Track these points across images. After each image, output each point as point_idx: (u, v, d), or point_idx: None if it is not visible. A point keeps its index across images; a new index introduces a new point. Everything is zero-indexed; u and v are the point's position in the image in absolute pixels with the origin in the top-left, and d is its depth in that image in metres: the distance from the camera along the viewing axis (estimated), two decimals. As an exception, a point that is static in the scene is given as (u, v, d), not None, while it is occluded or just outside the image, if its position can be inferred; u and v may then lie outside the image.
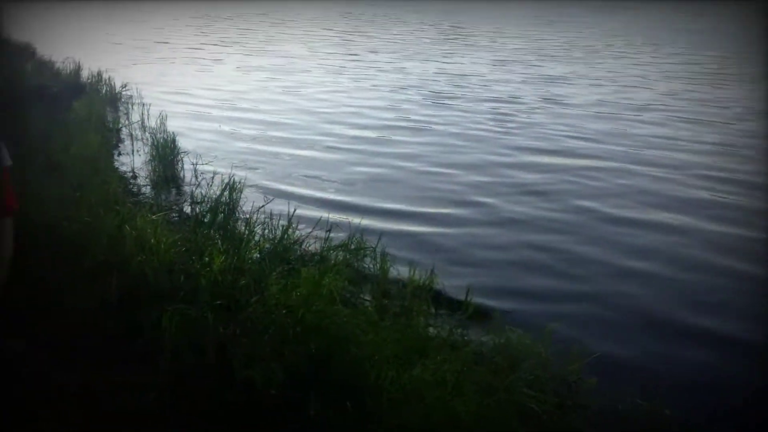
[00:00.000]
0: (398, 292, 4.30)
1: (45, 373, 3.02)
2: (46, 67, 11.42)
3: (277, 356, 2.99)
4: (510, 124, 9.85)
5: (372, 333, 3.17)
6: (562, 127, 9.79)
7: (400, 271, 4.57)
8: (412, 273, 4.31)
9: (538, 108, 10.95)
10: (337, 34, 21.19)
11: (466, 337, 3.56)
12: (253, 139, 8.86)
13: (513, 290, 4.69)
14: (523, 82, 13.39)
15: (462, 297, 4.22)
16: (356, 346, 3.04)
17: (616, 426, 2.99)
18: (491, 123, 9.92)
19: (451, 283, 4.46)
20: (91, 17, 24.88)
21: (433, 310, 4.07)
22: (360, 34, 21.62)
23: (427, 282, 4.25)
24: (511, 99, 11.65)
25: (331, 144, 8.68)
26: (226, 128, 9.32)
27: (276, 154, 8.16)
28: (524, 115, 10.37)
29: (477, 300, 4.22)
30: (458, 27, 23.18)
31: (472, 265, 5.11)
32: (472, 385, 2.77)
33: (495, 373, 3.11)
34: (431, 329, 3.66)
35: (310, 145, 8.58)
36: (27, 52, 13.33)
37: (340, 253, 4.71)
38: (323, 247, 4.72)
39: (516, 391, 2.82)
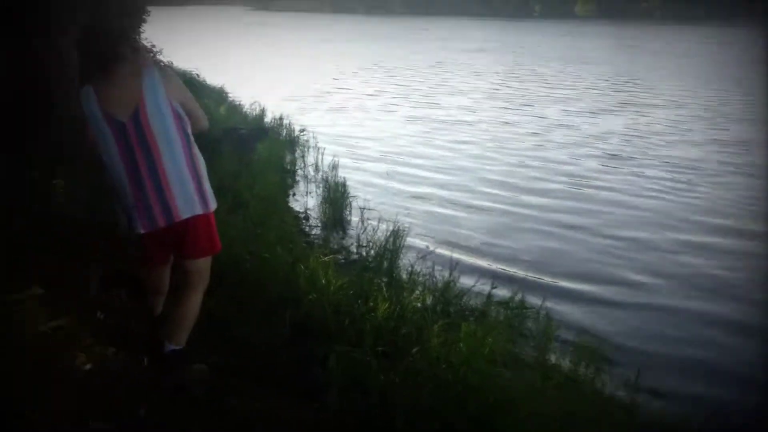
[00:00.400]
0: (562, 358, 4.14)
1: (219, 398, 3.24)
2: (236, 110, 12.60)
3: (437, 414, 2.99)
4: (688, 194, 9.03)
5: (536, 401, 3.07)
6: (748, 201, 8.77)
7: (563, 336, 4.42)
8: (578, 340, 4.14)
9: (721, 176, 10.05)
10: (500, 84, 21.24)
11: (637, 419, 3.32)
12: (418, 190, 9.04)
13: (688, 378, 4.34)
14: (705, 144, 12.45)
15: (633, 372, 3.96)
16: (519, 412, 2.96)
17: None
18: (668, 192, 9.14)
19: (620, 358, 4.23)
20: (278, 64, 27.10)
21: (600, 383, 3.86)
22: (532, 82, 21.51)
23: (595, 352, 4.05)
24: (690, 165, 10.72)
25: (494, 204, 8.52)
26: (392, 178, 9.62)
27: (440, 207, 8.24)
28: (707, 186, 9.47)
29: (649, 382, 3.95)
30: (634, 81, 22.30)
31: (646, 341, 4.79)
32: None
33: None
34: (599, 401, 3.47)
35: (474, 203, 8.52)
36: (221, 95, 14.82)
37: (501, 310, 4.65)
38: (484, 304, 4.69)
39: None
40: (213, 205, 3.12)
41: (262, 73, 23.45)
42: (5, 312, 3.33)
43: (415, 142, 12.42)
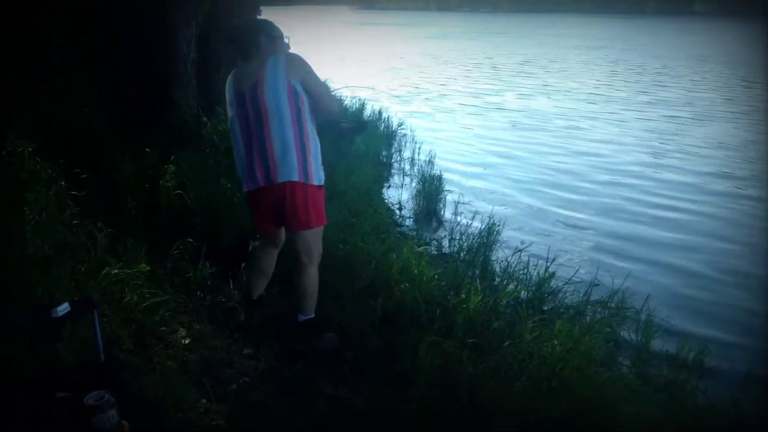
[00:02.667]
0: (662, 363, 3.91)
1: (311, 382, 3.30)
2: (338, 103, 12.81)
3: (529, 409, 2.90)
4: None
5: (634, 403, 2.91)
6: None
7: (665, 341, 4.17)
8: (681, 345, 3.89)
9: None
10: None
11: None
12: (514, 185, 8.86)
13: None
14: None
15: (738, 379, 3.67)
16: (616, 414, 2.82)
17: None
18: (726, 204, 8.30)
19: (724, 365, 3.94)
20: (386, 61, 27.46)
21: (702, 388, 3.61)
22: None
23: (698, 357, 3.80)
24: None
25: (594, 200, 8.21)
26: (489, 173, 9.48)
27: (537, 202, 8.04)
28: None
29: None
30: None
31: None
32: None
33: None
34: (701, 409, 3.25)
35: (575, 200, 8.23)
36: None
37: (599, 310, 4.46)
38: (581, 302, 4.51)
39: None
40: (316, 180, 3.31)
41: (367, 68, 23.78)
42: (117, 287, 3.56)
43: (511, 140, 12.14)
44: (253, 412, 2.98)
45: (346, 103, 12.80)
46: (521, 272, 4.82)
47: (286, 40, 3.43)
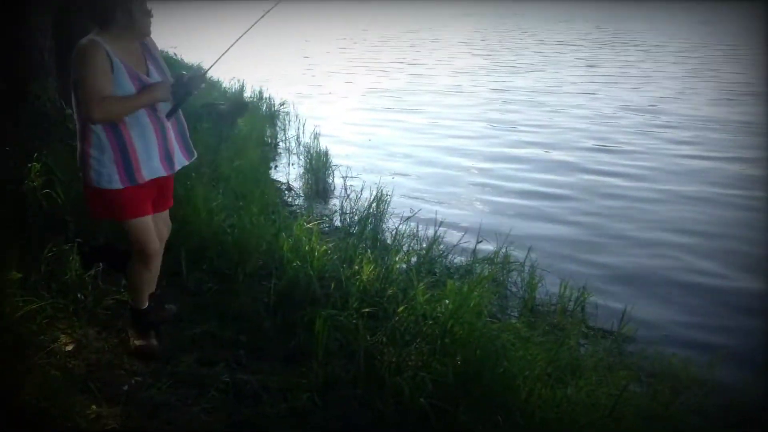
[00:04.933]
0: (547, 310, 4.15)
1: (207, 368, 3.23)
2: (215, 86, 12.40)
3: (424, 367, 2.99)
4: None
5: (522, 349, 3.07)
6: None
7: (549, 289, 4.42)
8: (562, 290, 4.14)
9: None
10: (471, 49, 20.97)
11: (622, 359, 3.34)
12: (401, 155, 9.04)
13: (676, 314, 4.36)
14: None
15: (618, 318, 3.97)
16: (506, 361, 2.96)
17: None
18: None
19: (606, 303, 4.24)
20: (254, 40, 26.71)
21: (585, 329, 3.88)
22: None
23: (579, 300, 4.06)
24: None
25: (475, 165, 8.58)
26: (373, 146, 9.60)
27: (423, 170, 8.25)
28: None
29: (636, 319, 3.96)
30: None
31: (629, 286, 4.82)
32: (630, 409, 2.59)
33: (654, 399, 2.89)
34: (584, 349, 3.49)
35: (456, 165, 8.56)
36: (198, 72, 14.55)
37: (486, 266, 4.65)
38: (469, 261, 4.68)
39: (680, 420, 2.59)
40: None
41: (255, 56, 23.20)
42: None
43: (399, 109, 12.32)
44: (147, 411, 2.87)
45: (225, 85, 12.44)
46: (411, 238, 4.92)
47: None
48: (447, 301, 3.58)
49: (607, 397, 2.70)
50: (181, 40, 21.00)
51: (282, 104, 10.99)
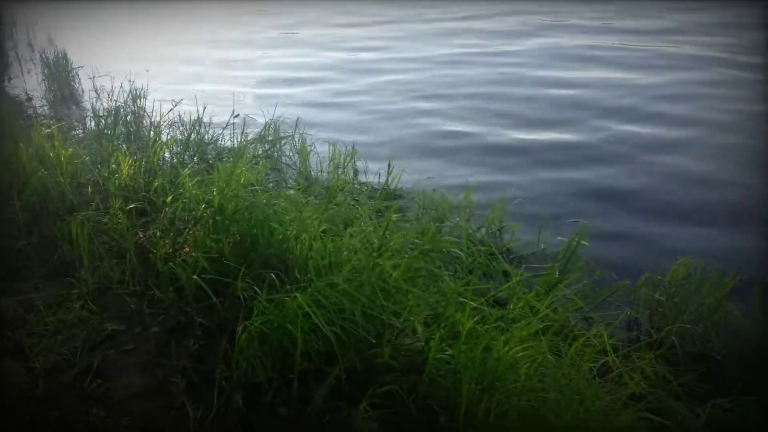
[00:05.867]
0: (321, 175, 4.23)
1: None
2: None
3: (199, 248, 2.91)
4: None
5: (296, 212, 3.09)
6: None
7: (321, 155, 4.48)
8: (332, 152, 4.22)
9: None
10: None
11: (393, 204, 3.53)
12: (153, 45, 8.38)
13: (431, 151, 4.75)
14: None
15: (384, 168, 4.15)
16: (280, 225, 2.97)
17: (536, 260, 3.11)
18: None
19: (374, 158, 4.42)
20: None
21: (357, 186, 4.03)
22: None
23: (347, 159, 4.18)
24: None
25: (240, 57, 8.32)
26: (121, 38, 8.76)
27: (183, 69, 7.78)
28: None
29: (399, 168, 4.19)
30: None
31: (389, 147, 5.09)
32: (398, 244, 2.76)
33: (422, 233, 3.12)
34: (357, 202, 3.63)
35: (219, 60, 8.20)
36: None
37: (258, 145, 4.56)
38: (239, 142, 4.55)
39: (440, 241, 2.83)
40: None
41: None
42: None
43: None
44: None
45: None
46: (175, 128, 4.64)
47: None
48: (217, 179, 3.48)
49: (377, 238, 2.84)
50: None
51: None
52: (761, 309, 2.51)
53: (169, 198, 3.46)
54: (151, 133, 4.37)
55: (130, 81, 5.60)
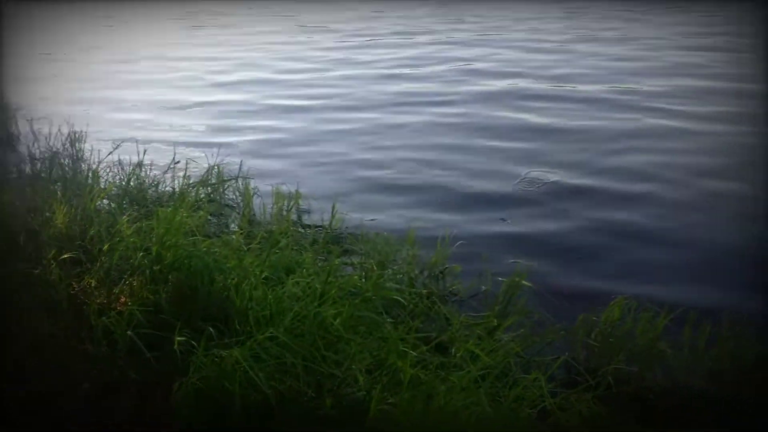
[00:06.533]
0: (265, 219, 4.19)
1: None
2: None
3: (134, 300, 2.83)
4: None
5: (236, 260, 3.06)
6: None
7: (265, 200, 4.45)
8: (275, 194, 4.20)
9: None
10: None
11: (336, 250, 3.53)
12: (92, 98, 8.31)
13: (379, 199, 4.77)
14: None
15: (328, 213, 4.15)
16: (221, 274, 2.93)
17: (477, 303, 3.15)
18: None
19: (318, 203, 4.41)
20: None
21: (301, 230, 4.01)
22: None
23: (292, 203, 4.17)
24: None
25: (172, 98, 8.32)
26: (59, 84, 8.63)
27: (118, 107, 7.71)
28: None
29: (345, 212, 4.19)
30: None
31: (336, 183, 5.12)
32: (341, 290, 2.76)
33: (365, 277, 3.13)
34: (300, 248, 3.61)
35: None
36: None
37: (201, 189, 4.51)
38: (181, 186, 4.49)
39: (383, 288, 2.84)
40: None
41: None
42: None
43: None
44: None
45: None
46: (113, 173, 4.55)
47: None
48: (157, 229, 3.42)
49: (320, 284, 2.83)
50: None
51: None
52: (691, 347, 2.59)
53: (106, 246, 3.37)
54: (89, 179, 4.26)
55: (68, 123, 5.52)
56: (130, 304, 2.80)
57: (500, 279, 3.14)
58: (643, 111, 7.04)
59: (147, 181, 4.53)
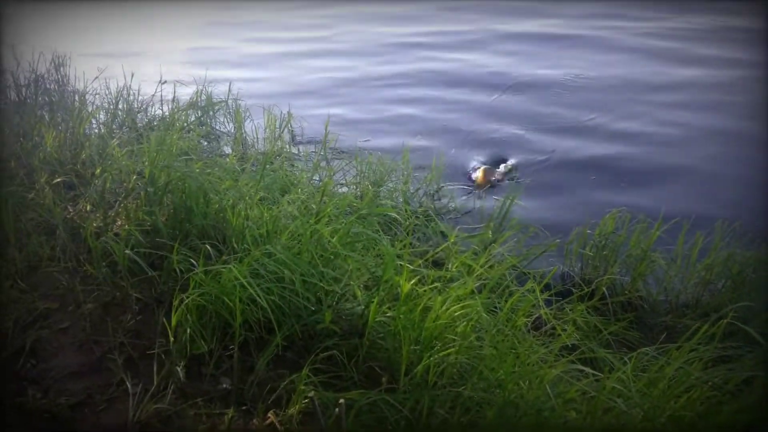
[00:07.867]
0: (257, 142, 4.14)
1: None
2: None
3: (131, 221, 2.83)
4: None
5: (231, 181, 3.04)
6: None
7: (257, 123, 4.39)
8: (267, 117, 4.14)
9: None
10: None
11: (331, 165, 3.51)
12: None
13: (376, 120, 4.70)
14: None
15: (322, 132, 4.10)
16: (216, 195, 2.92)
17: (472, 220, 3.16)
18: None
19: (310, 123, 4.36)
20: None
21: (295, 150, 3.98)
22: None
23: (284, 124, 4.11)
24: None
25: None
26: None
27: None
28: None
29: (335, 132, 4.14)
30: None
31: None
32: (336, 209, 2.76)
33: (360, 197, 3.13)
34: (295, 167, 3.59)
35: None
36: None
37: (191, 112, 4.43)
38: (171, 110, 4.41)
39: (377, 205, 2.84)
40: None
41: None
42: None
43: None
44: None
45: None
46: (101, 97, 4.45)
47: None
48: (150, 151, 3.38)
49: (316, 204, 2.83)
50: None
51: None
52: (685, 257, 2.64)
53: (98, 170, 3.34)
54: (76, 101, 4.17)
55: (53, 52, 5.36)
56: (126, 226, 2.79)
57: (495, 198, 3.15)
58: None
59: (135, 105, 4.45)
